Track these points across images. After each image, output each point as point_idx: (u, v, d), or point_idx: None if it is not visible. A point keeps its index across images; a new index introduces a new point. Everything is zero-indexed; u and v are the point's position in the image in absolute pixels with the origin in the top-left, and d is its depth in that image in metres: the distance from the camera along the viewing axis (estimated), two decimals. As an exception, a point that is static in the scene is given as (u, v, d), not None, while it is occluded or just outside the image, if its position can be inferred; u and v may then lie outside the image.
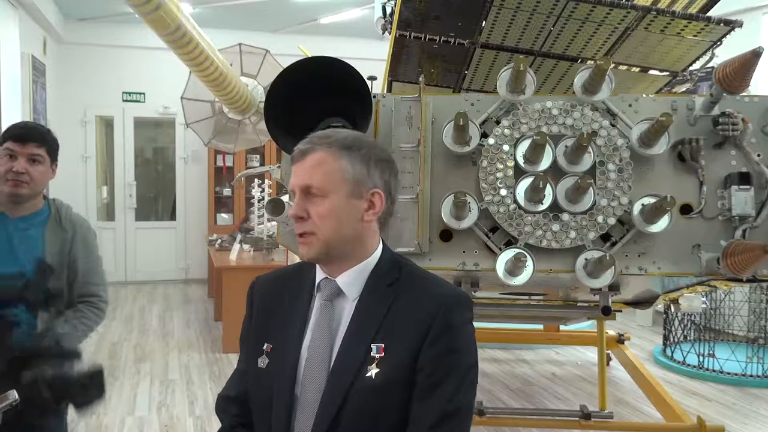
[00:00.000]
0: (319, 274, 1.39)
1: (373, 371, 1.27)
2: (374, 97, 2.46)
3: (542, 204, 2.38)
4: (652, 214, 2.30)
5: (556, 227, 2.38)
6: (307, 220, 1.31)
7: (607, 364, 4.77)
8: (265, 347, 1.39)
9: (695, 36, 2.94)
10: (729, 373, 5.15)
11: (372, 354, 1.28)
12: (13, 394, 1.87)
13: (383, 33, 3.90)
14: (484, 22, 2.97)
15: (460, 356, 1.29)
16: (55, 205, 2.41)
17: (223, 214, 9.40)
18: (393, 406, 1.27)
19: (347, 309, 1.35)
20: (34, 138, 2.25)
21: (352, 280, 1.35)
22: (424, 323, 1.28)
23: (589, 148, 2.37)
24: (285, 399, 1.32)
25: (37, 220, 2.32)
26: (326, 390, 1.29)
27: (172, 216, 9.63)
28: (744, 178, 2.39)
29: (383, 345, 1.28)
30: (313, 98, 2.29)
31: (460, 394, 1.28)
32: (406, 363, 1.27)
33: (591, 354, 5.61)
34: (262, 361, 1.38)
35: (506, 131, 2.43)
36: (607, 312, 2.57)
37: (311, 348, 1.33)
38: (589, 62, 3.16)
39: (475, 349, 1.34)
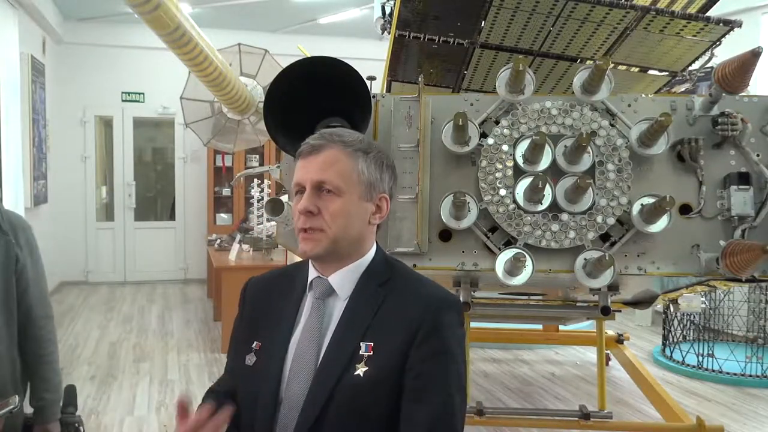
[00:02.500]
0: (312, 273, 1.39)
1: (361, 369, 1.26)
2: (373, 97, 2.46)
3: (541, 204, 2.38)
4: (651, 214, 2.30)
5: (555, 227, 2.38)
6: (317, 216, 1.29)
7: (607, 364, 4.76)
8: (254, 345, 1.38)
9: (694, 36, 2.94)
10: (728, 373, 5.15)
11: (361, 352, 1.27)
12: (14, 400, 1.88)
13: (382, 33, 3.90)
14: (483, 22, 2.97)
15: (449, 358, 1.28)
16: None
17: (222, 214, 9.40)
18: (379, 404, 1.26)
19: (338, 308, 1.34)
20: None
21: (344, 279, 1.35)
22: (412, 324, 1.27)
23: (589, 148, 2.37)
24: (270, 397, 1.32)
25: None
26: (312, 386, 1.28)
27: (172, 216, 9.62)
28: (743, 178, 2.39)
29: (372, 344, 1.28)
30: (313, 98, 2.29)
31: (451, 397, 1.27)
32: (394, 363, 1.26)
33: (590, 354, 5.61)
34: (250, 359, 1.38)
35: (505, 131, 2.43)
36: (606, 312, 2.57)
37: (299, 346, 1.33)
38: (588, 62, 3.16)
39: (464, 352, 1.33)
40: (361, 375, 1.26)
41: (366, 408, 1.26)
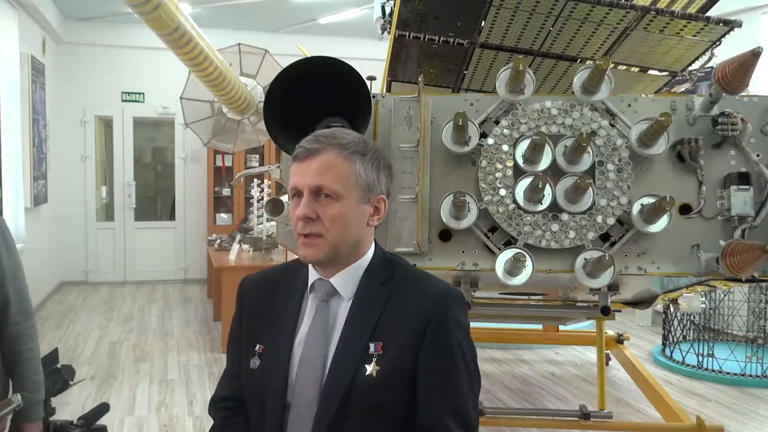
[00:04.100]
0: (313, 275, 1.38)
1: (372, 369, 1.27)
2: (373, 97, 2.46)
3: (541, 204, 2.38)
4: (651, 214, 2.30)
5: (555, 227, 2.38)
6: (316, 221, 1.29)
7: (607, 364, 4.76)
8: (256, 348, 1.38)
9: (694, 36, 2.94)
10: (728, 373, 5.15)
11: (370, 352, 1.28)
12: (17, 398, 1.87)
13: (382, 33, 3.89)
14: (483, 22, 2.97)
15: (458, 352, 1.30)
16: None
17: (222, 214, 9.40)
18: (394, 403, 1.28)
19: (342, 309, 1.34)
20: None
21: (346, 280, 1.35)
22: (420, 321, 1.28)
23: (589, 148, 2.37)
24: (278, 402, 1.32)
25: None
26: (325, 389, 1.28)
27: (172, 216, 9.62)
28: (743, 178, 2.39)
29: (381, 343, 1.28)
30: (313, 98, 2.29)
31: (462, 390, 1.29)
32: (405, 360, 1.27)
33: (590, 354, 5.61)
34: (254, 363, 1.37)
35: (505, 131, 2.43)
36: (606, 312, 2.57)
37: (305, 350, 1.32)
38: (588, 62, 3.16)
39: (471, 342, 1.35)
40: (374, 375, 1.26)
41: (381, 407, 1.27)
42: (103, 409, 2.37)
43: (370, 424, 1.28)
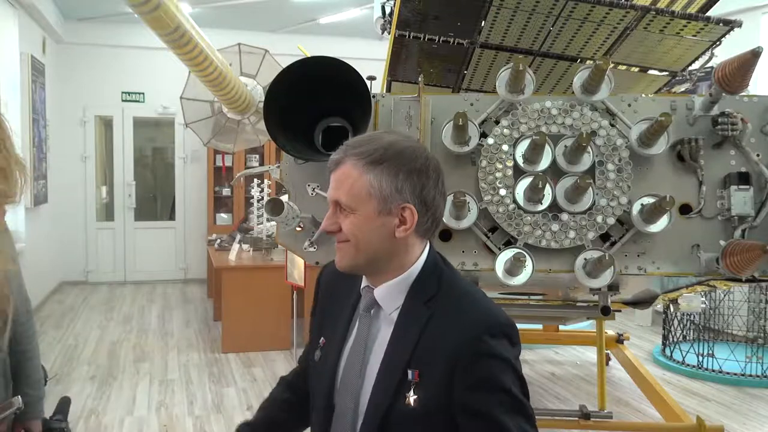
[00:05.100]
0: (363, 280, 1.36)
1: (411, 397, 1.21)
2: (373, 97, 2.45)
3: (541, 204, 2.38)
4: (651, 213, 2.30)
5: (555, 227, 2.38)
6: (339, 233, 1.29)
7: (607, 364, 4.76)
8: (320, 341, 1.40)
9: (694, 36, 2.94)
10: (728, 373, 5.15)
11: (408, 379, 1.22)
12: (18, 401, 1.87)
13: (382, 33, 3.89)
14: (483, 22, 2.97)
15: (500, 387, 1.18)
16: None
17: (222, 214, 9.40)
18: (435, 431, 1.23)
19: (384, 323, 1.31)
20: None
21: (388, 294, 1.30)
22: (453, 352, 1.20)
23: (589, 147, 2.37)
24: (324, 400, 1.34)
25: None
26: (366, 413, 1.26)
27: (172, 216, 9.62)
28: (743, 178, 2.39)
29: (418, 370, 1.22)
30: (312, 98, 2.29)
31: (503, 427, 1.17)
32: (439, 392, 1.20)
33: (590, 354, 5.61)
34: (317, 354, 1.40)
35: (505, 131, 2.43)
36: (606, 312, 2.57)
37: (349, 358, 1.33)
38: (588, 62, 3.16)
39: (515, 377, 1.21)
40: (412, 403, 1.21)
41: None
42: (66, 401, 2.38)
43: None
